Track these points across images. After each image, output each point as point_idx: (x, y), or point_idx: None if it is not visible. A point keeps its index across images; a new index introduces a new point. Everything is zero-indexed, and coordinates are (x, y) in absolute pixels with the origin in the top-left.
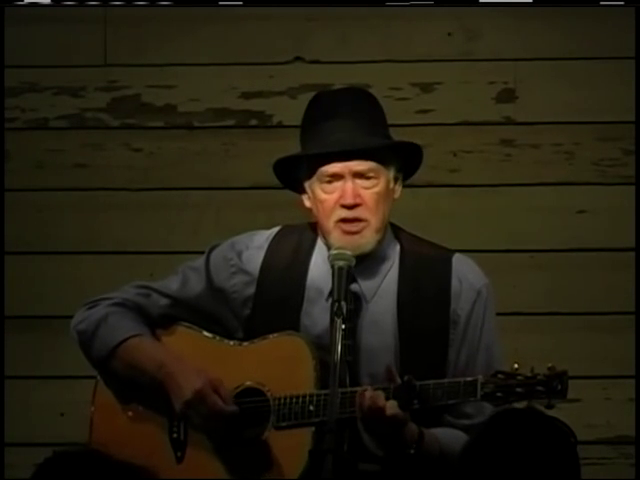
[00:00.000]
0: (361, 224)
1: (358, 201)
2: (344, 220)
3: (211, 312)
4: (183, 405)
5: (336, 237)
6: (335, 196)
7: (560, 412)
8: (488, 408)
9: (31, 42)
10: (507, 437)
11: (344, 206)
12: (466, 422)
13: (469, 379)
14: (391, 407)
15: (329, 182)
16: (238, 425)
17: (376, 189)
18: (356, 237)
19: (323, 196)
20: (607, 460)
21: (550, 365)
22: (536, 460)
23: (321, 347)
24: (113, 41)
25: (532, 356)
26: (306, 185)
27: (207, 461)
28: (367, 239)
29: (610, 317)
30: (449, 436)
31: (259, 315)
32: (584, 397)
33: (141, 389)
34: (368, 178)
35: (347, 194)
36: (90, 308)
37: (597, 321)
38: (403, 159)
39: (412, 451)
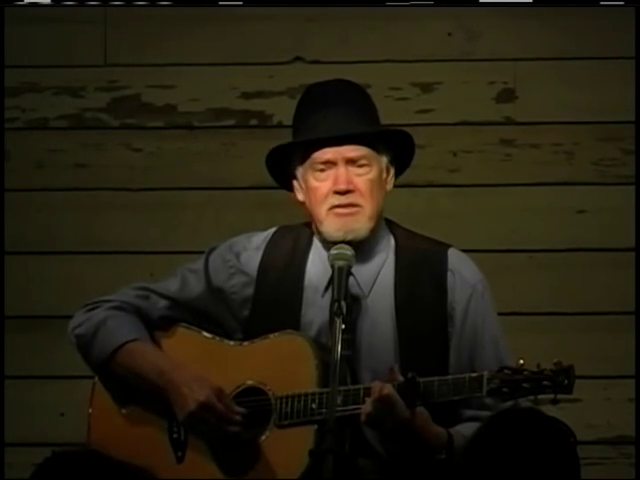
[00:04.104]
0: (355, 209)
1: (351, 187)
2: (337, 206)
3: (210, 313)
4: (187, 416)
5: (330, 223)
6: (328, 183)
7: (560, 412)
8: None
9: (31, 42)
10: (507, 437)
11: (337, 192)
12: (488, 414)
13: (474, 375)
14: (386, 387)
15: (322, 170)
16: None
17: (369, 176)
18: (350, 220)
19: (316, 184)
20: (607, 460)
21: (556, 360)
22: (536, 460)
23: (321, 346)
24: (113, 41)
25: (532, 356)
26: (298, 175)
27: (208, 461)
28: (361, 224)
29: (610, 317)
30: None
31: (258, 316)
32: (584, 397)
33: (140, 393)
34: (361, 165)
35: (340, 180)
36: (88, 311)
37: (597, 321)
38: (395, 149)
39: (443, 456)
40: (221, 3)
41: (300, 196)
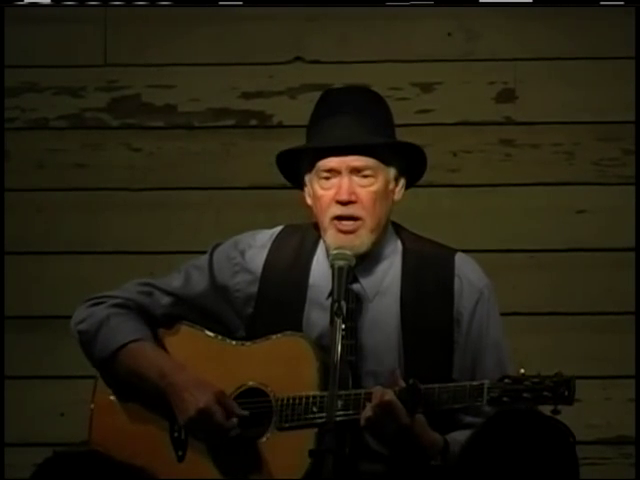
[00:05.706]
0: (356, 223)
1: (353, 198)
2: (339, 218)
3: (213, 310)
4: (187, 421)
5: (331, 235)
6: (331, 192)
7: (560, 412)
8: None
9: (31, 42)
10: (506, 437)
11: (339, 202)
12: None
13: (475, 383)
14: (387, 393)
15: (327, 178)
16: (240, 426)
17: (373, 188)
18: (351, 237)
19: (320, 192)
20: (607, 460)
21: (557, 371)
22: (535, 460)
23: (323, 348)
24: (113, 41)
25: (532, 356)
26: (307, 180)
27: (208, 461)
28: (362, 239)
29: (610, 317)
30: None
31: (261, 314)
32: (584, 397)
33: (142, 392)
34: (365, 176)
35: (342, 190)
36: (91, 306)
37: (597, 321)
38: (405, 161)
39: (438, 462)
40: (221, 3)
41: (309, 200)
